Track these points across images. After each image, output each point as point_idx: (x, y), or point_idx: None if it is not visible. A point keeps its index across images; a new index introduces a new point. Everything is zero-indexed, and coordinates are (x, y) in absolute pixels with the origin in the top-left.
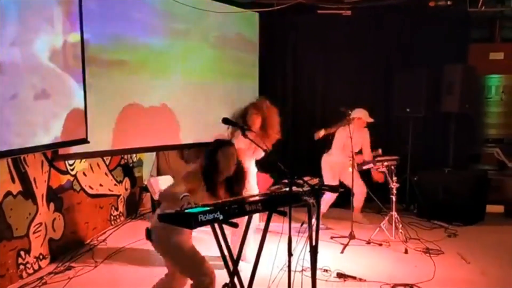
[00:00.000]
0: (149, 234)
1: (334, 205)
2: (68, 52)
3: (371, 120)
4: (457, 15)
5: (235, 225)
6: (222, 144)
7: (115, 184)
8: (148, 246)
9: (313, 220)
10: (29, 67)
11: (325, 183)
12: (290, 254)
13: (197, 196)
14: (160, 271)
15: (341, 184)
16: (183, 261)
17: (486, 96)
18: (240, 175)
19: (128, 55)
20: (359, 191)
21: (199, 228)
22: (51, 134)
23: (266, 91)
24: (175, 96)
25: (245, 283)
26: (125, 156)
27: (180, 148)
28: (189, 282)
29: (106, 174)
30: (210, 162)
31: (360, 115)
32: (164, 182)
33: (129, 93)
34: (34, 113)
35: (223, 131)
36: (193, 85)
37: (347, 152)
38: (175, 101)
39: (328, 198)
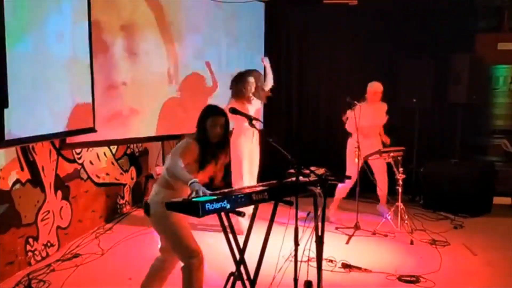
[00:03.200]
0: (147, 208)
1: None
2: (76, 40)
3: (380, 89)
4: (464, 5)
5: (242, 214)
6: (211, 112)
7: (121, 173)
8: (154, 234)
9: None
10: (37, 55)
11: (347, 168)
12: (296, 244)
13: (190, 168)
14: None
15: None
16: (176, 241)
17: (494, 86)
18: (225, 150)
19: (134, 42)
20: (381, 179)
21: None
22: (59, 123)
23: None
24: (180, 85)
25: (251, 272)
26: (131, 145)
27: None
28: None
29: (112, 163)
30: (200, 130)
31: (370, 86)
32: None
33: (134, 82)
34: (42, 102)
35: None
36: (199, 74)
37: (364, 132)
38: (181, 91)
39: (343, 186)
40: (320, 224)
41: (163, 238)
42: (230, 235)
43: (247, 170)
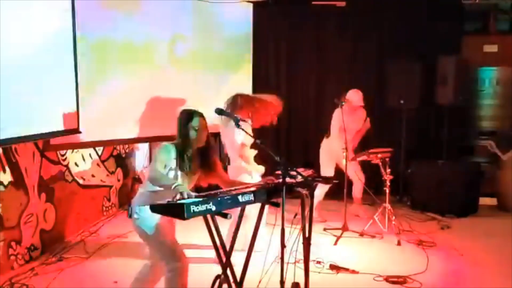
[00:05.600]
0: (130, 211)
1: (327, 196)
2: (59, 41)
3: (360, 104)
4: (451, 7)
5: (228, 216)
6: (192, 116)
7: (107, 175)
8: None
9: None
10: (21, 56)
11: (321, 169)
12: (283, 246)
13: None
14: None
15: (336, 175)
16: (156, 244)
17: (480, 88)
18: (208, 150)
19: (119, 43)
20: (357, 180)
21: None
22: (42, 123)
23: (260, 81)
24: (167, 86)
25: (238, 275)
26: (118, 147)
27: (173, 139)
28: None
29: (98, 164)
30: (182, 135)
31: (349, 97)
32: None
33: (120, 83)
34: (25, 103)
35: (217, 122)
36: (186, 76)
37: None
38: (168, 92)
39: (321, 189)
40: (307, 225)
41: (144, 242)
42: (216, 238)
43: None
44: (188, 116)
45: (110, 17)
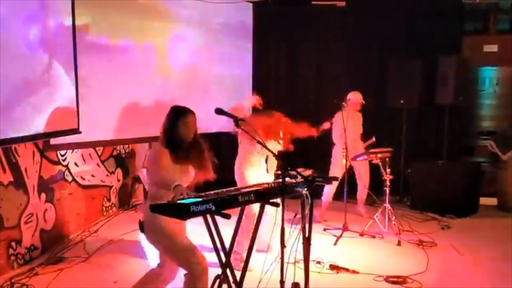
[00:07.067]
0: (142, 226)
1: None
2: (58, 38)
3: (361, 101)
4: (451, 7)
5: (228, 216)
6: (181, 113)
7: (107, 175)
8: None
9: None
10: (17, 55)
11: (331, 173)
12: (282, 246)
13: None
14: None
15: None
16: (175, 251)
17: (480, 88)
18: (197, 146)
19: (120, 43)
20: (362, 183)
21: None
22: (42, 124)
23: (260, 82)
24: (168, 86)
25: (237, 275)
26: (118, 147)
27: None
28: (181, 272)
29: (98, 164)
30: (171, 131)
31: (350, 96)
32: None
33: (121, 83)
34: (25, 103)
35: (218, 121)
36: (187, 75)
37: (349, 137)
38: (168, 91)
39: (329, 190)
40: (307, 225)
41: (161, 251)
42: (216, 238)
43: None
44: (178, 112)
45: (111, 16)
